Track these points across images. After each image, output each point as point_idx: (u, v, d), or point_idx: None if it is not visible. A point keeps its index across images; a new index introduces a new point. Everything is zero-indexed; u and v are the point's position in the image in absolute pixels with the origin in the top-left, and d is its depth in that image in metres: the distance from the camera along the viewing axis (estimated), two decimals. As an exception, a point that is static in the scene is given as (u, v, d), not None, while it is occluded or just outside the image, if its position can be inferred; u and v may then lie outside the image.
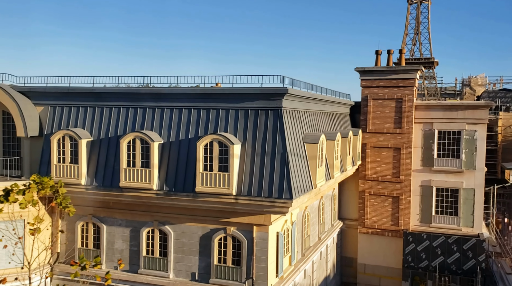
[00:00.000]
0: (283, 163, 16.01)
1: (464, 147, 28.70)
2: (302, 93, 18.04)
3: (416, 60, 67.82)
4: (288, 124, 16.83)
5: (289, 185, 15.78)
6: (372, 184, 30.22)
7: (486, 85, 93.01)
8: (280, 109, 16.43)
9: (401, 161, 29.48)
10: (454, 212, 29.11)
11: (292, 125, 17.51)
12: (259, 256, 17.33)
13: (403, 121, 29.36)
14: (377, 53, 30.43)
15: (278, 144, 16.15)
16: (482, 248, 26.81)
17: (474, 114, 28.45)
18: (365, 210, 30.43)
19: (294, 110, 18.09)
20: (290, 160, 16.28)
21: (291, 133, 17.14)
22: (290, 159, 16.30)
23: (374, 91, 30.00)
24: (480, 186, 28.56)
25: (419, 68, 28.69)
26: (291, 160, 16.39)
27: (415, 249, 28.34)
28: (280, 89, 16.26)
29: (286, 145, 16.10)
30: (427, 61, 66.97)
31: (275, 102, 16.39)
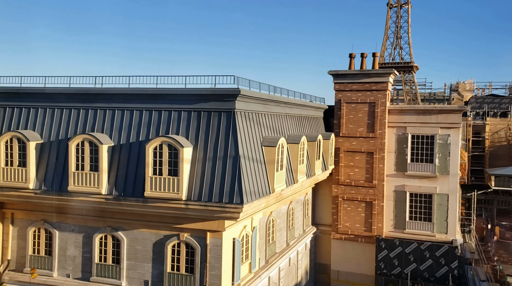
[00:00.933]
0: (234, 166, 15.44)
1: (438, 152, 28.34)
2: (258, 94, 17.52)
3: (395, 64, 67.70)
4: (242, 127, 16.29)
5: (240, 190, 15.21)
6: (346, 188, 29.73)
7: (474, 91, 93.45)
8: (233, 111, 15.89)
9: (374, 166, 29.03)
10: (427, 218, 28.68)
11: (249, 128, 16.98)
12: (213, 264, 16.70)
13: (376, 126, 28.96)
14: (351, 56, 30.07)
15: (230, 147, 15.58)
16: (455, 255, 26.36)
17: (447, 118, 28.11)
18: (338, 215, 29.91)
19: (251, 112, 17.57)
20: (243, 163, 15.72)
21: (247, 136, 16.60)
22: (243, 163, 15.74)
23: (347, 95, 29.60)
24: (453, 191, 28.17)
25: (391, 72, 28.36)
26: (244, 163, 15.83)
27: (388, 255, 27.84)
28: (232, 90, 15.73)
29: (238, 148, 15.55)
30: (407, 65, 66.78)
31: (228, 104, 15.85)
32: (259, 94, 17.55)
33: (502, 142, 78.50)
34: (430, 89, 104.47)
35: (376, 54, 29.43)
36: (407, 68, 68.99)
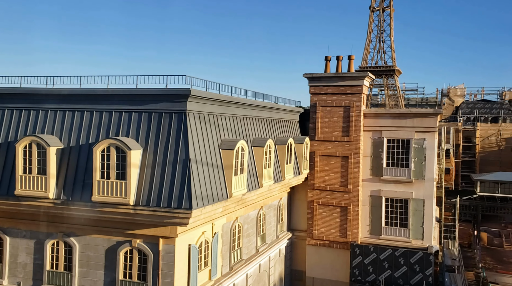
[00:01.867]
0: (184, 170, 14.89)
1: (413, 156, 27.85)
2: (215, 95, 17.00)
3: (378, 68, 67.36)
4: (195, 129, 15.76)
5: (189, 194, 14.64)
6: (321, 193, 29.18)
7: (465, 96, 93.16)
8: (184, 112, 15.37)
9: (349, 170, 28.51)
10: (403, 224, 28.12)
11: (204, 130, 16.45)
12: (165, 271, 16.08)
13: (351, 129, 28.47)
14: (326, 59, 29.64)
15: (180, 150, 15.04)
16: (429, 262, 25.78)
17: (423, 122, 27.65)
18: (313, 220, 29.32)
19: (209, 114, 17.04)
20: (194, 167, 15.17)
21: (201, 138, 16.07)
22: (194, 166, 15.19)
23: (322, 98, 29.14)
24: (429, 196, 27.63)
25: (365, 75, 27.92)
26: (196, 167, 15.28)
27: (362, 262, 27.23)
28: (182, 90, 15.21)
29: (189, 151, 15.00)
30: (389, 69, 66.43)
31: (179, 105, 15.33)
32: (215, 95, 17.04)
33: (493, 147, 78.18)
34: (422, 94, 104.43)
35: (352, 57, 29.03)
36: (389, 72, 68.57)
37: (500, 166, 75.65)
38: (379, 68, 66.08)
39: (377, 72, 67.28)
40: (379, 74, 67.28)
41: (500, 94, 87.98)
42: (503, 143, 76.56)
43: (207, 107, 16.79)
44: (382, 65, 66.40)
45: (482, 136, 78.28)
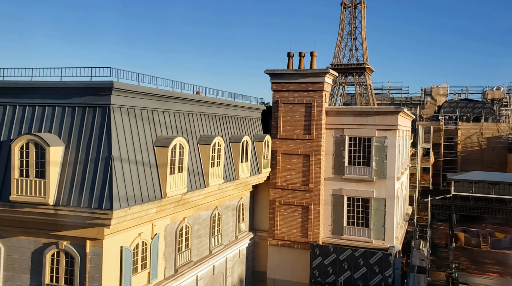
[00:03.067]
0: (106, 168, 14.14)
1: (375, 155, 27.31)
2: (146, 89, 16.23)
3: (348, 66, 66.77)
4: (121, 125, 14.99)
5: (110, 194, 13.89)
6: (283, 192, 28.53)
7: (448, 95, 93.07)
8: (108, 107, 14.61)
9: (311, 169, 27.89)
10: (365, 224, 27.58)
11: (133, 126, 15.69)
12: (93, 275, 15.31)
13: (312, 127, 27.85)
14: (289, 55, 29.00)
15: (103, 147, 14.28)
16: (388, 262, 25.23)
17: (384, 120, 27.12)
18: (275, 220, 28.66)
19: (140, 109, 16.27)
20: (118, 165, 14.42)
21: (129, 135, 15.31)
22: (118, 164, 14.44)
23: (284, 96, 28.49)
24: (390, 195, 27.11)
25: (327, 72, 27.30)
26: (120, 165, 14.53)
27: (322, 263, 26.63)
28: (105, 83, 14.44)
29: (112, 148, 14.24)
30: (359, 67, 65.91)
31: (103, 99, 14.56)
32: (148, 89, 16.28)
33: (475, 147, 78.13)
34: (407, 93, 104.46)
35: (314, 53, 28.39)
36: (360, 70, 67.81)
37: (482, 165, 75.64)
38: (350, 66, 65.44)
39: (348, 70, 66.64)
40: (350, 72, 66.66)
41: (483, 94, 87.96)
42: (484, 142, 76.55)
43: (138, 101, 16.03)
44: (353, 63, 65.72)
45: (464, 135, 78.16)
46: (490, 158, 75.79)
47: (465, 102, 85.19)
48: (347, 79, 67.62)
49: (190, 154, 19.16)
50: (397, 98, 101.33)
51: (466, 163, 77.01)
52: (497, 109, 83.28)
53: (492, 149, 76.40)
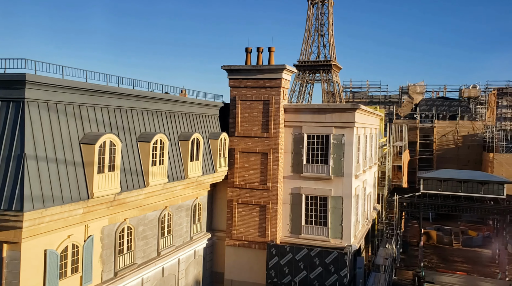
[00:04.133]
0: (18, 167, 13.31)
1: (332, 152, 26.87)
2: (70, 83, 15.37)
3: (314, 63, 66.30)
4: (38, 120, 14.14)
5: (21, 194, 13.07)
6: (241, 191, 27.90)
7: (425, 93, 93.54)
8: (22, 101, 13.77)
9: (268, 167, 27.31)
10: (323, 222, 27.13)
11: (54, 122, 14.83)
12: (10, 280, 14.45)
13: (270, 125, 27.27)
14: (247, 51, 28.34)
15: (16, 144, 13.45)
16: (344, 262, 24.80)
17: (341, 117, 26.68)
18: (232, 220, 28.02)
19: (65, 104, 15.41)
20: (32, 163, 13.60)
21: (48, 131, 14.46)
22: (33, 163, 13.62)
23: (242, 92, 27.85)
24: (348, 193, 26.70)
25: (283, 67, 26.72)
26: (35, 163, 13.71)
27: (279, 263, 26.09)
28: (16, 75, 13.58)
29: (25, 145, 13.42)
30: (326, 64, 65.52)
31: (17, 92, 13.71)
32: (74, 83, 15.44)
33: (450, 145, 78.63)
34: (385, 92, 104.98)
35: (272, 49, 27.81)
36: (326, 67, 67.29)
37: (458, 163, 76.17)
38: (317, 63, 64.97)
39: (315, 67, 66.16)
40: (317, 69, 66.20)
41: (460, 92, 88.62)
42: (460, 141, 77.08)
43: (63, 96, 15.19)
44: (319, 60, 65.21)
45: (440, 133, 78.58)
46: (466, 156, 76.35)
47: (442, 101, 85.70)
48: (316, 76, 67.08)
49: (128, 151, 18.38)
50: (376, 96, 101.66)
51: (442, 161, 77.47)
52: (473, 107, 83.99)
53: (467, 147, 77.00)
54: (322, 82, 66.41)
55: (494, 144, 68.28)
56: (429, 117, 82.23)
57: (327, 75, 66.58)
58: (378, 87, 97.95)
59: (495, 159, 65.81)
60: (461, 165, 74.63)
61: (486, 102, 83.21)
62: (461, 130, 77.39)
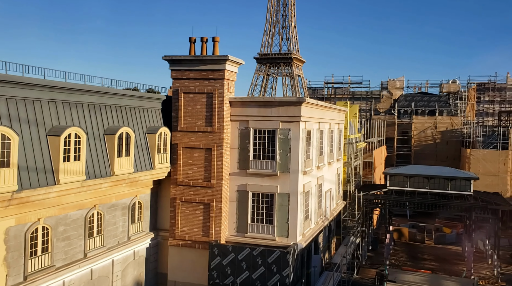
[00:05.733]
0: None
1: (279, 148, 25.66)
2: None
3: (275, 55, 64.72)
4: None
5: None
6: (184, 189, 26.60)
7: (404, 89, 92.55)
8: None
9: (212, 163, 26.03)
10: (269, 220, 25.95)
11: None
12: None
13: (214, 119, 25.96)
14: (190, 41, 26.99)
15: None
16: (286, 261, 23.65)
17: (287, 111, 25.46)
18: (176, 219, 26.73)
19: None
20: None
21: None
22: None
23: (185, 84, 26.50)
24: (294, 190, 25.53)
25: (226, 59, 25.39)
26: None
27: (221, 263, 24.87)
28: None
29: None
30: (286, 57, 64.06)
31: None
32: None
33: (429, 141, 77.83)
34: (367, 87, 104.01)
35: (216, 39, 26.47)
36: (287, 60, 65.41)
37: (436, 159, 75.41)
38: (277, 56, 63.52)
39: (275, 60, 64.69)
40: (278, 63, 64.76)
41: (440, 87, 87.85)
42: (438, 136, 76.35)
43: None
44: (280, 52, 63.67)
45: (418, 129, 77.68)
46: (444, 152, 75.63)
47: (421, 96, 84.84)
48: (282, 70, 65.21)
49: (34, 146, 17.01)
50: (358, 92, 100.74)
51: (420, 157, 76.67)
52: (453, 103, 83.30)
53: (446, 143, 76.26)
54: (282, 75, 64.80)
55: (472, 140, 67.61)
56: (408, 113, 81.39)
57: (288, 69, 65.00)
58: (359, 83, 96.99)
59: (472, 155, 65.15)
60: (439, 161, 73.88)
61: (465, 97, 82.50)
62: (439, 126, 76.67)
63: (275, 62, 63.98)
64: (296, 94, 67.53)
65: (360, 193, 40.25)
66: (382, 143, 75.18)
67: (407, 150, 77.22)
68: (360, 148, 57.66)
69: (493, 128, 78.32)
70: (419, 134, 77.39)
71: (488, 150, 65.30)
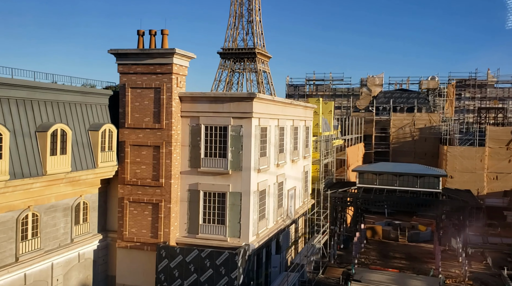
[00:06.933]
0: None
1: (231, 145, 24.67)
2: None
3: (239, 50, 63.55)
4: None
5: None
6: (132, 189, 25.47)
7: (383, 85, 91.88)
8: None
9: (161, 162, 24.94)
10: (221, 220, 24.98)
11: None
12: None
13: (162, 115, 24.84)
14: (139, 33, 25.81)
15: None
16: (235, 263, 22.70)
17: (239, 107, 24.46)
18: (124, 220, 25.58)
19: None
20: None
21: None
22: None
23: (132, 79, 25.31)
24: (246, 189, 24.57)
25: (174, 52, 24.25)
26: None
27: (168, 265, 23.82)
28: None
29: None
30: (249, 52, 62.98)
31: None
32: None
33: (407, 138, 77.47)
34: (349, 84, 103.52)
35: (165, 31, 25.34)
36: (250, 55, 63.90)
37: (414, 156, 75.10)
38: (241, 51, 62.36)
39: (238, 55, 63.52)
40: (241, 58, 63.58)
41: (419, 84, 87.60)
42: (416, 133, 76.06)
43: None
44: (243, 47, 62.49)
45: (397, 126, 77.25)
46: (422, 149, 75.38)
47: (400, 93, 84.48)
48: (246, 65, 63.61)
49: None
50: (339, 89, 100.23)
51: (398, 154, 76.31)
52: (432, 99, 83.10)
53: (424, 140, 76.01)
54: (246, 71, 63.67)
55: (449, 137, 67.36)
56: (387, 109, 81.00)
57: (253, 64, 63.79)
58: (341, 80, 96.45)
59: (449, 152, 64.86)
60: (417, 158, 73.56)
61: (444, 94, 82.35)
62: (418, 123, 76.39)
63: (239, 57, 62.72)
64: (260, 90, 66.38)
65: (328, 191, 39.50)
66: (360, 140, 74.69)
67: (385, 147, 76.85)
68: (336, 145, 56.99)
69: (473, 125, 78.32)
70: (398, 132, 77.05)
71: (465, 147, 65.08)
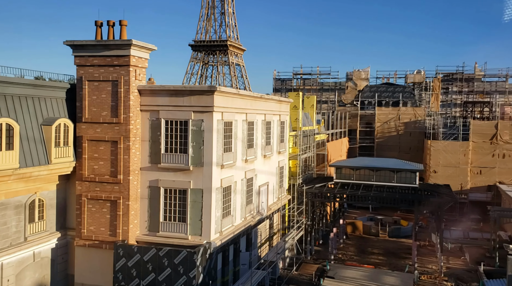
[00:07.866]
0: None
1: (192, 140, 23.84)
2: None
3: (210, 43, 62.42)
4: None
5: None
6: (90, 185, 24.59)
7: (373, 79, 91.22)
8: None
9: (119, 157, 24.05)
10: (182, 218, 24.21)
11: None
12: None
13: (120, 109, 23.91)
14: (96, 24, 24.80)
15: None
16: (193, 262, 21.96)
17: (200, 101, 23.60)
18: (82, 217, 24.71)
19: None
20: None
21: None
22: None
23: (89, 71, 24.33)
24: (208, 185, 23.80)
25: (130, 43, 23.28)
26: None
27: (126, 264, 23.03)
28: None
29: None
30: (221, 44, 61.89)
31: None
32: None
33: (392, 132, 76.95)
34: (336, 78, 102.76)
35: (123, 22, 24.35)
36: (222, 47, 62.42)
37: (399, 151, 74.64)
38: (212, 43, 61.17)
39: (210, 48, 62.37)
40: (213, 50, 62.39)
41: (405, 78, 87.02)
42: (401, 128, 75.58)
43: None
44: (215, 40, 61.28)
45: (382, 121, 76.61)
46: (407, 143, 74.92)
47: (386, 87, 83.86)
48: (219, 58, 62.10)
49: None
50: (326, 83, 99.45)
51: (383, 148, 75.79)
52: (418, 93, 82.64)
53: (409, 134, 75.54)
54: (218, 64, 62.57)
55: (433, 131, 66.96)
56: (372, 104, 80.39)
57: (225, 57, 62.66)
58: (328, 74, 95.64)
59: (433, 146, 64.52)
60: (402, 153, 73.16)
61: (430, 88, 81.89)
62: (403, 117, 75.84)
63: (211, 50, 61.51)
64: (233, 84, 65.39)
65: (304, 187, 38.83)
66: (345, 135, 74.11)
67: (370, 141, 76.33)
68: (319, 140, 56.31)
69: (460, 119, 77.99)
70: (383, 126, 76.47)
71: (448, 141, 64.73)
